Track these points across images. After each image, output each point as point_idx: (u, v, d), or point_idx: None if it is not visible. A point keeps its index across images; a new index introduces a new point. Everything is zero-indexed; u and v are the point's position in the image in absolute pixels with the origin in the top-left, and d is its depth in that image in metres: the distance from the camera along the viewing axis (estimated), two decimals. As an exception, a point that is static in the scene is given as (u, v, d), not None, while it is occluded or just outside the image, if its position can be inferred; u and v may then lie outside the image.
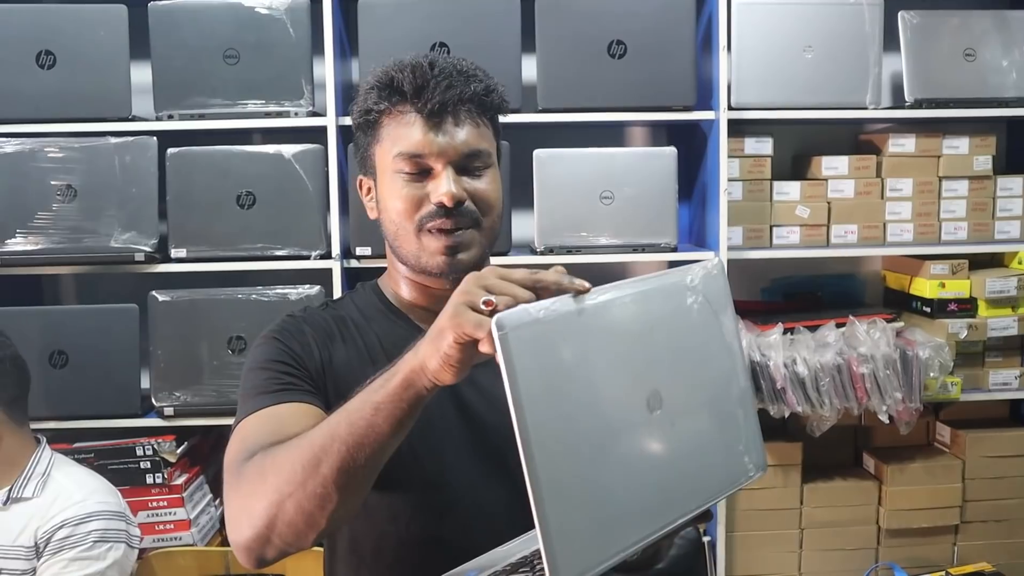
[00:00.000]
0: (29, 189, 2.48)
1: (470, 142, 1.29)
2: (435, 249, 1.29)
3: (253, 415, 1.21)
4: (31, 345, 2.41)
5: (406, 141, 1.28)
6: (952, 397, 2.73)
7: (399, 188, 1.30)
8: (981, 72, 2.72)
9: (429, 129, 1.27)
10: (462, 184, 1.28)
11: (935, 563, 2.80)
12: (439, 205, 1.27)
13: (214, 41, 2.51)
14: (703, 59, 2.67)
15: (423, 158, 1.28)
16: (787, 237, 2.78)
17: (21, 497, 2.01)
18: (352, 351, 1.36)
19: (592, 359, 0.97)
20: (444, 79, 1.27)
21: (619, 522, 0.95)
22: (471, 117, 1.30)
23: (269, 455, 1.08)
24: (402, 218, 1.30)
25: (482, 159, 1.31)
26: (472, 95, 1.29)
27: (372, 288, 1.46)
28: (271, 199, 2.51)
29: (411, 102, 1.28)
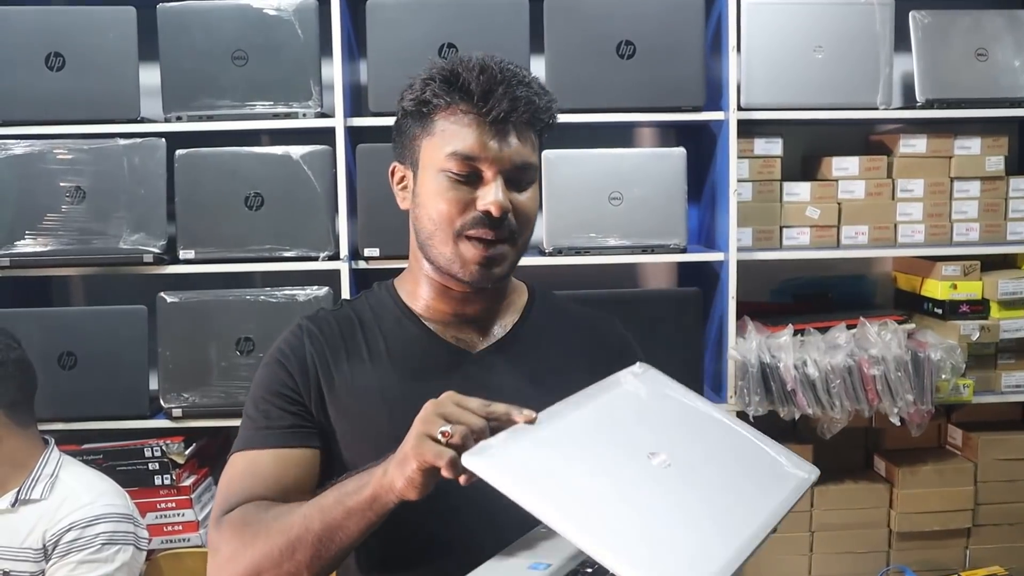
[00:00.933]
0: (38, 191, 2.48)
1: (523, 154, 1.28)
2: (472, 258, 1.29)
3: (240, 454, 1.31)
4: (40, 346, 2.41)
5: (462, 141, 1.26)
6: (964, 399, 2.71)
7: (444, 188, 1.28)
8: (993, 72, 2.70)
9: (488, 134, 1.25)
10: (509, 196, 1.27)
11: (947, 567, 2.78)
12: (485, 213, 1.26)
13: (222, 42, 2.51)
14: (712, 59, 2.66)
15: (476, 162, 1.26)
16: (797, 238, 2.76)
17: (29, 499, 2.00)
18: (356, 358, 1.37)
19: (575, 450, 1.07)
20: (509, 87, 1.25)
21: (692, 553, 0.98)
22: (526, 129, 1.28)
23: (250, 527, 1.20)
24: (443, 219, 1.28)
25: (530, 174, 1.30)
26: (535, 108, 1.27)
27: (387, 289, 1.46)
28: (279, 200, 2.51)
29: (475, 104, 1.26)
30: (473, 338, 1.40)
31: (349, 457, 1.35)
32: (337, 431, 1.35)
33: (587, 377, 1.42)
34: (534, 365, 1.40)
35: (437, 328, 1.40)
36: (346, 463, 1.35)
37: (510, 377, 1.37)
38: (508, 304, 1.45)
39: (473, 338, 1.40)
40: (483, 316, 1.41)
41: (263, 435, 1.32)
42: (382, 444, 1.32)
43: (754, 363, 2.56)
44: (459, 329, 1.40)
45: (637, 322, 1.55)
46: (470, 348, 1.39)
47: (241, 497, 1.27)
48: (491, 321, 1.42)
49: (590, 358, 1.44)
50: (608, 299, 2.57)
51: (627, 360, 1.48)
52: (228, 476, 1.31)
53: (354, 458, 1.35)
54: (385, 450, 1.30)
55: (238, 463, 1.31)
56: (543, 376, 1.39)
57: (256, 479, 1.28)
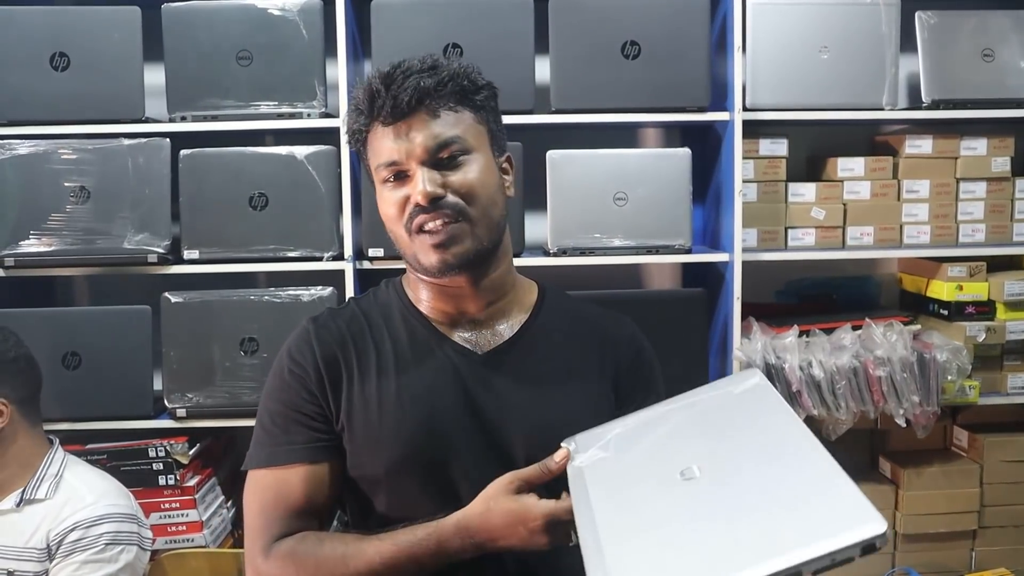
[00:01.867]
0: (42, 191, 2.48)
1: (436, 134, 1.29)
2: (426, 248, 1.31)
3: (267, 472, 1.33)
4: (44, 346, 2.41)
5: (380, 153, 1.32)
6: (970, 401, 2.70)
7: (387, 195, 1.33)
8: (999, 73, 2.69)
9: (395, 135, 1.30)
10: (439, 180, 1.29)
11: (952, 568, 2.77)
12: (416, 205, 1.29)
13: (227, 43, 2.51)
14: (717, 60, 2.65)
15: (397, 165, 1.30)
16: (802, 239, 2.75)
17: (34, 499, 2.01)
18: (365, 359, 1.37)
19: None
20: (400, 83, 1.28)
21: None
22: (436, 108, 1.30)
23: (308, 561, 1.26)
24: (393, 224, 1.33)
25: (455, 146, 1.31)
26: (427, 88, 1.29)
27: (395, 287, 1.46)
28: (284, 200, 2.51)
29: (373, 116, 1.31)
30: (480, 338, 1.40)
31: (360, 461, 1.35)
32: (346, 432, 1.35)
33: (596, 378, 1.43)
34: (541, 367, 1.40)
35: (444, 329, 1.40)
36: (357, 468, 1.35)
37: (516, 379, 1.38)
38: (514, 302, 1.44)
39: (480, 338, 1.40)
40: (488, 316, 1.41)
41: (286, 451, 1.33)
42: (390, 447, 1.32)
43: (759, 364, 2.55)
44: (466, 329, 1.40)
45: (642, 323, 1.55)
46: (477, 349, 1.39)
47: (283, 525, 1.30)
48: (498, 321, 1.42)
49: (600, 359, 1.44)
50: (612, 300, 2.55)
51: (635, 361, 1.48)
52: (261, 500, 1.33)
53: (361, 460, 1.34)
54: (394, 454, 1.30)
55: (265, 485, 1.33)
56: (550, 377, 1.39)
57: (291, 503, 1.31)
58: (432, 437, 1.33)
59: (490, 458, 1.33)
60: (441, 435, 1.32)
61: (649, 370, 1.50)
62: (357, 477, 1.36)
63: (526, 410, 1.36)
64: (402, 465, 1.32)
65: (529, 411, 1.36)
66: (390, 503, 1.35)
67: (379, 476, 1.34)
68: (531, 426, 1.35)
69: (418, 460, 1.32)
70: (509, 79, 2.48)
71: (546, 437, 1.33)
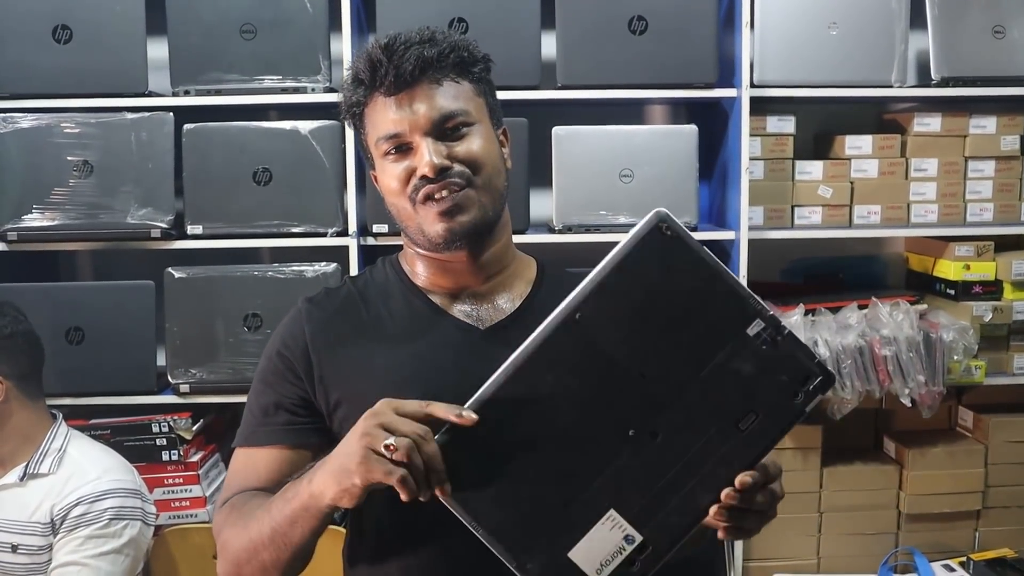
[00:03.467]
0: (45, 165, 2.47)
1: (440, 106, 1.28)
2: (432, 217, 1.29)
3: (241, 450, 1.38)
4: (47, 321, 2.41)
5: (381, 125, 1.30)
6: (976, 381, 2.69)
7: (389, 169, 1.31)
8: (1010, 50, 2.66)
9: (397, 106, 1.28)
10: (443, 151, 1.28)
11: (956, 549, 2.77)
12: (422, 177, 1.27)
13: (231, 16, 2.49)
14: (725, 36, 2.63)
15: (399, 137, 1.28)
16: (809, 217, 2.74)
17: (38, 473, 2.01)
18: (361, 339, 1.36)
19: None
20: (401, 54, 1.27)
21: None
22: (440, 80, 1.29)
23: (234, 514, 1.29)
24: (397, 196, 1.31)
25: (460, 118, 1.29)
26: (429, 59, 1.27)
27: (392, 264, 1.44)
28: (288, 176, 2.49)
29: (375, 87, 1.29)
30: (481, 313, 1.38)
31: None
32: (340, 416, 1.33)
33: None
34: None
35: (444, 303, 1.38)
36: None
37: None
38: (514, 277, 1.42)
39: (481, 313, 1.38)
40: (489, 290, 1.39)
41: (262, 432, 1.36)
42: None
43: (764, 343, 2.54)
44: (466, 304, 1.38)
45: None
46: (478, 324, 1.37)
47: (237, 491, 1.35)
48: (498, 296, 1.40)
49: None
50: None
51: None
52: (231, 470, 1.40)
53: None
54: None
55: (239, 459, 1.39)
56: None
57: (252, 476, 1.35)
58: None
59: None
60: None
61: None
62: None
63: None
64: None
65: None
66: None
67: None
68: None
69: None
70: (515, 54, 2.48)
71: None
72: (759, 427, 1.06)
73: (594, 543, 1.03)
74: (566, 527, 1.05)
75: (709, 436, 1.06)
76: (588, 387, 1.09)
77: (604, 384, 1.09)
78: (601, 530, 1.04)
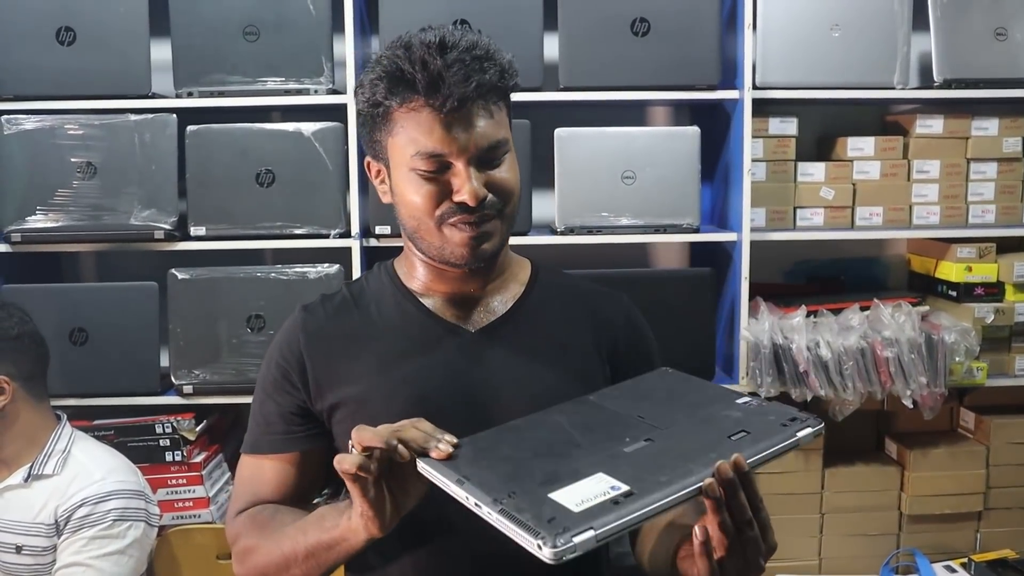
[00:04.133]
0: (49, 166, 2.48)
1: (489, 134, 1.24)
2: (459, 241, 1.27)
3: (247, 457, 1.41)
4: (51, 322, 2.41)
5: (425, 141, 1.23)
6: (977, 382, 2.69)
7: (418, 185, 1.26)
8: (1012, 52, 2.66)
9: (447, 126, 1.22)
10: (483, 178, 1.25)
11: (958, 550, 2.77)
12: (460, 204, 1.24)
13: (234, 18, 2.49)
14: (728, 37, 2.63)
15: (443, 156, 1.23)
16: (811, 219, 2.74)
17: (42, 474, 2.01)
18: (353, 345, 1.36)
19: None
20: (459, 70, 1.21)
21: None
22: (488, 106, 1.25)
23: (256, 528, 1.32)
24: (423, 214, 1.27)
25: (502, 148, 1.27)
26: (488, 85, 1.23)
27: (387, 270, 1.44)
28: (290, 177, 2.50)
29: (425, 99, 1.22)
30: (473, 315, 1.38)
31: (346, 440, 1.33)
32: (337, 421, 1.35)
33: (591, 353, 1.41)
34: (534, 342, 1.38)
35: (436, 307, 1.38)
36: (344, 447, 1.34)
37: (509, 354, 1.36)
38: (508, 279, 1.43)
39: (473, 315, 1.38)
40: (483, 294, 1.39)
41: (265, 441, 1.39)
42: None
43: (766, 344, 2.55)
44: (458, 307, 1.38)
45: (649, 302, 1.53)
46: (470, 326, 1.37)
47: (248, 499, 1.39)
48: (492, 297, 1.40)
49: (594, 335, 1.43)
50: (620, 279, 2.55)
51: (632, 337, 1.47)
52: (239, 478, 1.43)
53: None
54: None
55: (247, 467, 1.42)
56: (542, 353, 1.37)
57: (260, 485, 1.39)
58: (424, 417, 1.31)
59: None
60: (432, 415, 1.28)
61: (647, 349, 1.49)
62: None
63: (520, 386, 1.34)
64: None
65: (523, 387, 1.34)
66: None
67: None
68: (525, 402, 1.31)
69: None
70: (517, 56, 2.41)
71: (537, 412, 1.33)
72: (750, 440, 1.07)
73: (578, 489, 0.99)
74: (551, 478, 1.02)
75: (702, 442, 1.07)
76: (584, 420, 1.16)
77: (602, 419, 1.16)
78: (587, 482, 1.00)
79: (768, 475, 2.74)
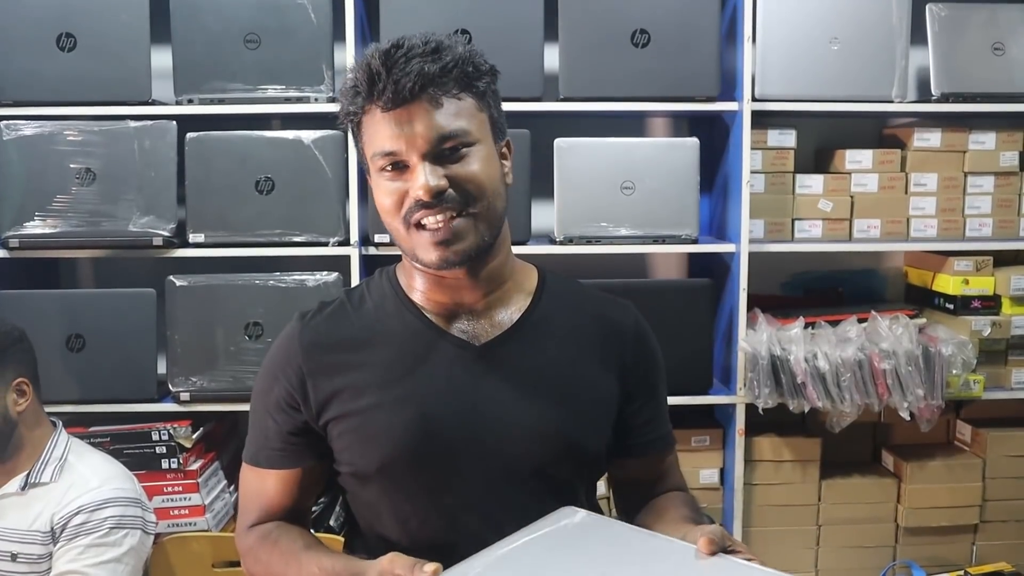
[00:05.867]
0: (48, 172, 2.47)
1: (440, 126, 1.21)
2: (425, 244, 1.25)
3: (249, 469, 1.41)
4: (48, 328, 2.41)
5: (378, 141, 1.24)
6: (974, 395, 2.70)
7: (384, 186, 1.26)
8: (1009, 66, 2.68)
9: (395, 123, 1.21)
10: (441, 172, 1.22)
11: (954, 562, 2.77)
12: (416, 200, 1.22)
13: (235, 25, 2.50)
14: (727, 50, 2.64)
15: (396, 154, 1.23)
16: (809, 231, 2.75)
17: (39, 482, 2.00)
18: (355, 359, 1.33)
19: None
20: (403, 65, 1.20)
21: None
22: (439, 96, 1.22)
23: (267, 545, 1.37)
24: (390, 216, 1.27)
25: (459, 138, 1.23)
26: (430, 74, 1.21)
27: (389, 278, 1.40)
28: (290, 185, 2.50)
29: (371, 99, 1.23)
30: (478, 329, 1.34)
31: (351, 458, 1.33)
32: (338, 435, 1.33)
33: (600, 367, 1.39)
34: (542, 357, 1.34)
35: (441, 322, 1.34)
36: (348, 464, 1.34)
37: (515, 371, 1.33)
38: (513, 289, 1.38)
39: (478, 329, 1.34)
40: (487, 306, 1.35)
41: (266, 455, 1.38)
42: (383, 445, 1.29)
43: (764, 355, 2.55)
44: (463, 321, 1.34)
45: (648, 313, 1.51)
46: (474, 341, 1.33)
47: (257, 514, 1.40)
48: (496, 310, 1.36)
49: (603, 347, 1.39)
50: (619, 289, 2.52)
51: (641, 350, 1.45)
52: (244, 489, 1.44)
53: (352, 457, 1.32)
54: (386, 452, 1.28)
55: (250, 479, 1.42)
56: (551, 369, 1.34)
57: (266, 498, 1.40)
58: (427, 434, 1.29)
59: (487, 455, 1.30)
60: (435, 434, 1.28)
61: (655, 362, 1.46)
62: (349, 473, 1.35)
63: (525, 404, 1.31)
64: (395, 463, 1.29)
65: (529, 405, 1.31)
66: (382, 496, 1.33)
67: (370, 473, 1.31)
68: (531, 420, 1.31)
69: (412, 457, 1.28)
70: (518, 66, 2.49)
71: (545, 429, 1.31)
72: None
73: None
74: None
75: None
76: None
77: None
78: None
79: (765, 487, 2.74)
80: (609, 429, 1.39)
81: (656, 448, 1.46)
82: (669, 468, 1.49)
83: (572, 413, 1.34)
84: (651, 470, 1.47)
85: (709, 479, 2.76)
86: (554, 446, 1.32)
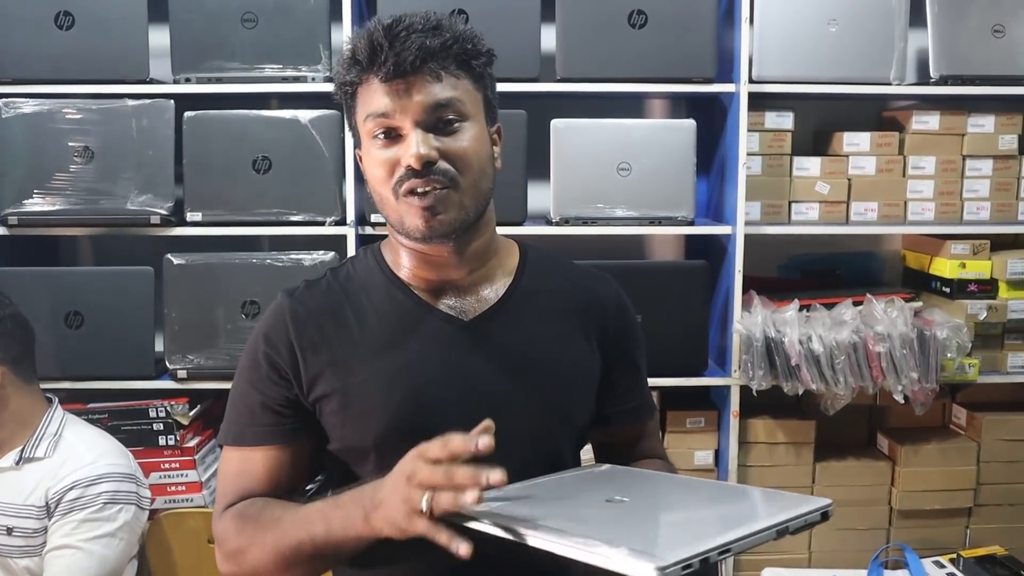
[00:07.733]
0: (46, 150, 2.49)
1: (435, 94, 1.24)
2: (412, 211, 1.26)
3: (232, 450, 1.37)
4: (46, 306, 2.43)
5: (372, 103, 1.26)
6: (969, 379, 2.70)
7: (375, 153, 1.27)
8: (1009, 49, 2.66)
9: (393, 92, 1.24)
10: (432, 143, 1.24)
11: (947, 545, 2.78)
12: (408, 168, 1.24)
13: (232, 4, 2.50)
14: (725, 31, 2.63)
15: (389, 118, 1.25)
16: (806, 213, 2.75)
17: (33, 457, 2.02)
18: (344, 335, 1.34)
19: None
20: (405, 39, 1.23)
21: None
22: (438, 71, 1.25)
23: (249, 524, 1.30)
24: (380, 184, 1.28)
25: (453, 109, 1.25)
26: (431, 49, 1.24)
27: (375, 255, 1.42)
28: (287, 164, 2.51)
29: (371, 70, 1.25)
30: (465, 305, 1.37)
31: (343, 435, 1.33)
32: (330, 411, 1.33)
33: (583, 338, 1.42)
34: (527, 331, 1.37)
35: (428, 297, 1.36)
36: (341, 440, 1.34)
37: (503, 344, 1.35)
38: (496, 267, 1.41)
39: (465, 305, 1.37)
40: (472, 282, 1.38)
41: (251, 433, 1.35)
42: (378, 420, 1.30)
43: (759, 337, 2.55)
44: (450, 297, 1.37)
45: (643, 294, 1.53)
46: (462, 316, 1.36)
47: (237, 495, 1.35)
48: (481, 286, 1.38)
49: (585, 319, 1.43)
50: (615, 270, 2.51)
51: (622, 323, 1.48)
52: (224, 472, 1.39)
53: (345, 434, 1.33)
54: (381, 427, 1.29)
55: (232, 461, 1.38)
56: (537, 341, 1.37)
57: (249, 478, 1.35)
58: (420, 408, 1.30)
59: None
60: (430, 406, 1.30)
61: (635, 333, 1.50)
62: (341, 450, 1.35)
63: (515, 376, 1.34)
64: (390, 438, 1.29)
65: (518, 378, 1.34)
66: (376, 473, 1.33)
67: (367, 449, 1.32)
68: (521, 393, 1.33)
69: (407, 432, 1.28)
70: (514, 46, 2.49)
71: (535, 401, 1.34)
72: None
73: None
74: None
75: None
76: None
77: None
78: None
79: (760, 469, 2.75)
80: (593, 399, 1.43)
81: (638, 416, 1.51)
82: (649, 434, 1.54)
83: (560, 384, 1.36)
84: (631, 436, 1.52)
85: (704, 460, 2.77)
86: (545, 417, 1.36)
